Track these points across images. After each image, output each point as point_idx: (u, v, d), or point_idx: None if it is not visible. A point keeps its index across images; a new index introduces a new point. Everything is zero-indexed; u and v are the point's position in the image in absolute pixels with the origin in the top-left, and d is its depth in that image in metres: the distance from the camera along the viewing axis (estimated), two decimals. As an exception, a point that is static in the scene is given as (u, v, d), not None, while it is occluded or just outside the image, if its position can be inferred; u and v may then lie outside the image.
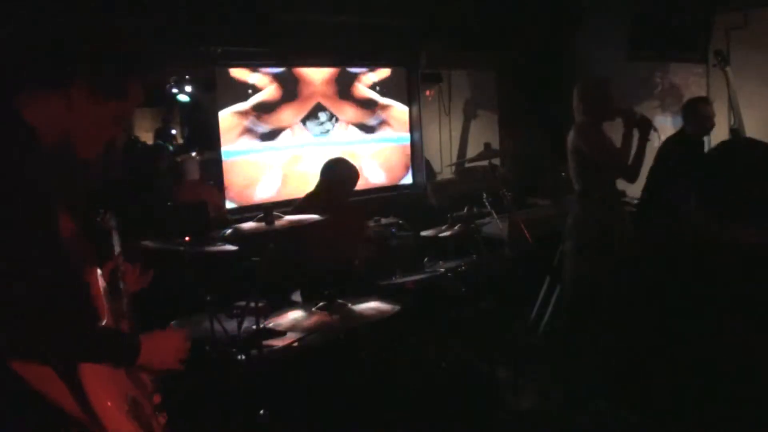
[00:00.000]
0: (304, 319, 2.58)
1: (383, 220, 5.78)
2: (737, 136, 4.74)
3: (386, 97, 6.39)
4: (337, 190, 4.15)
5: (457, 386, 3.54)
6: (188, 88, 5.44)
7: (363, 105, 6.23)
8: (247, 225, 3.09)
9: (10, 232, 1.22)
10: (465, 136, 7.57)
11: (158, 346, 1.53)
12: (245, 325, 3.07)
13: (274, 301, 3.29)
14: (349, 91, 6.12)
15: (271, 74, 5.63)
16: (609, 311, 3.90)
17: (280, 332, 2.99)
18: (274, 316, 2.69)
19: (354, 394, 3.13)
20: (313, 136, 5.90)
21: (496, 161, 6.11)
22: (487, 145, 5.44)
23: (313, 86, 5.88)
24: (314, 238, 3.71)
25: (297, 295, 3.75)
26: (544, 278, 4.97)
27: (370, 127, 6.30)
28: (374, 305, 2.70)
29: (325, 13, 5.43)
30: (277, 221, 3.02)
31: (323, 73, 5.94)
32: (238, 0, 4.93)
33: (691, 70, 5.89)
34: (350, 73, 6.14)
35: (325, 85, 5.96)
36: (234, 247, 3.33)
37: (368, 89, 6.27)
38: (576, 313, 4.18)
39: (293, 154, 5.79)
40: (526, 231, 4.51)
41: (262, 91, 5.60)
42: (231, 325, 3.13)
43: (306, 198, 4.21)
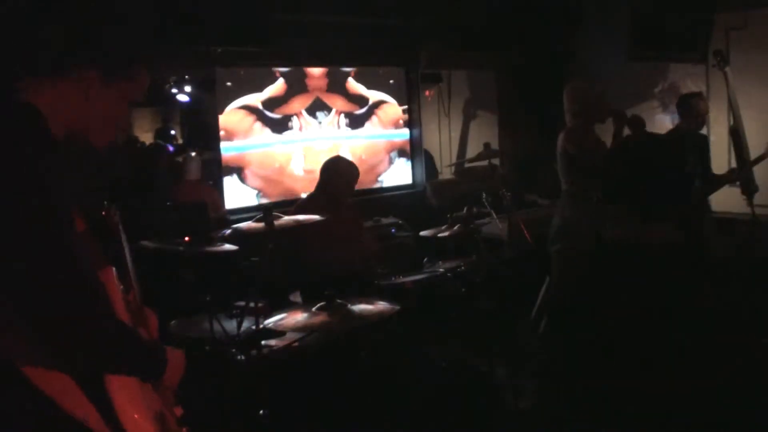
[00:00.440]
0: (304, 319, 2.58)
1: (383, 220, 5.79)
2: (736, 136, 4.75)
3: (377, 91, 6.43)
4: (338, 188, 4.15)
5: (457, 386, 3.55)
6: (188, 88, 5.45)
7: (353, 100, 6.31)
8: (247, 225, 3.09)
9: (28, 237, 1.15)
10: (465, 137, 7.58)
11: (170, 362, 1.46)
12: (245, 325, 3.06)
13: (274, 301, 3.28)
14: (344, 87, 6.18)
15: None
16: (590, 310, 3.99)
17: (280, 332, 2.99)
18: (274, 316, 2.69)
19: (354, 394, 3.13)
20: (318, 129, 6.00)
21: (496, 161, 6.11)
22: (487, 145, 5.42)
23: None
24: (314, 238, 3.71)
25: (297, 295, 3.76)
26: (544, 278, 4.97)
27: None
28: (374, 305, 2.70)
29: (325, 13, 5.43)
30: (277, 221, 3.02)
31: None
32: (238, 0, 4.93)
33: (691, 71, 5.90)
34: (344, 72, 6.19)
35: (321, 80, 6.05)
36: (234, 247, 3.33)
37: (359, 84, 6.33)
38: (558, 314, 4.25)
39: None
40: (525, 231, 4.51)
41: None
42: (231, 325, 3.13)
43: (307, 198, 4.21)
